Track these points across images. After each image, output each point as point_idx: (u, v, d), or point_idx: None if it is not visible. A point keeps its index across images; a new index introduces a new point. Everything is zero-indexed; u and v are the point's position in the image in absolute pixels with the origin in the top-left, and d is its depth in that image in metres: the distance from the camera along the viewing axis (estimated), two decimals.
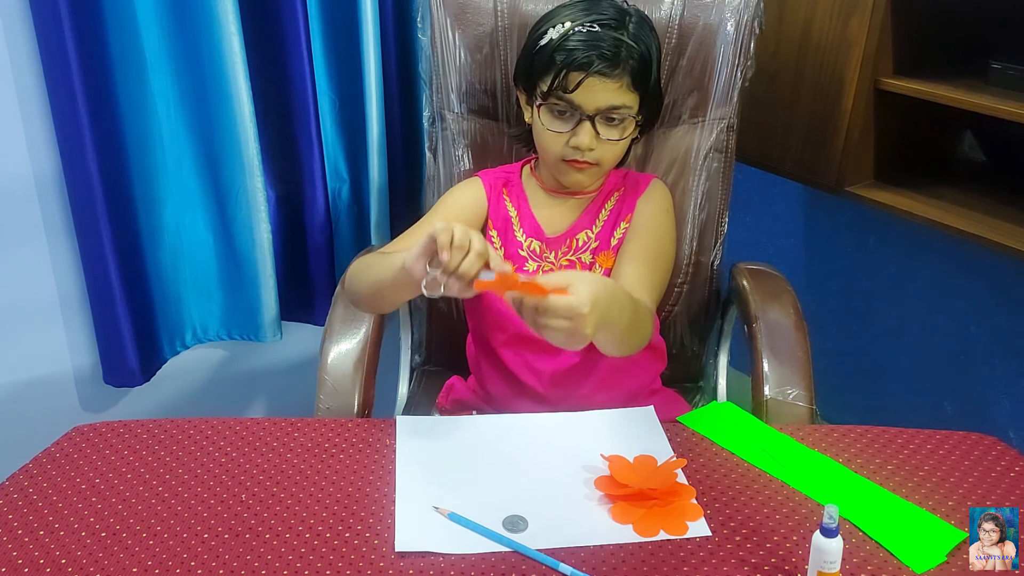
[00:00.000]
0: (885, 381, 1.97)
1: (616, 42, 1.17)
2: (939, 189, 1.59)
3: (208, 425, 1.08)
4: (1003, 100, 1.37)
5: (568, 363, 1.26)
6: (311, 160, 1.63)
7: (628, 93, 1.19)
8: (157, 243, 1.60)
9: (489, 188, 1.32)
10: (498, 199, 1.32)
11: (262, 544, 0.90)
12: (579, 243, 1.29)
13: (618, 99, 1.19)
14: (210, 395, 1.83)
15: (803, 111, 1.60)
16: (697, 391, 1.53)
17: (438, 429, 1.11)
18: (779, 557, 0.89)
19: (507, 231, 1.30)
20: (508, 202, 1.32)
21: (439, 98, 1.44)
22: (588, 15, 1.19)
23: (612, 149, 1.23)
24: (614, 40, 1.17)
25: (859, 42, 1.48)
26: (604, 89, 1.18)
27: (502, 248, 1.30)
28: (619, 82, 1.18)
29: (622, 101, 1.19)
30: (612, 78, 1.17)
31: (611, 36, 1.17)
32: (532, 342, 1.25)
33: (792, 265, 2.05)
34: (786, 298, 1.35)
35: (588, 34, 1.17)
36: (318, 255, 1.72)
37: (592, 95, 1.18)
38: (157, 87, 1.51)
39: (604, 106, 1.19)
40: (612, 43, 1.17)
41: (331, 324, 1.30)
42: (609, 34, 1.17)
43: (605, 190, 1.32)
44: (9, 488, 0.98)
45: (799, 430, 1.09)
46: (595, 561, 0.88)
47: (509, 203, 1.31)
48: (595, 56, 1.16)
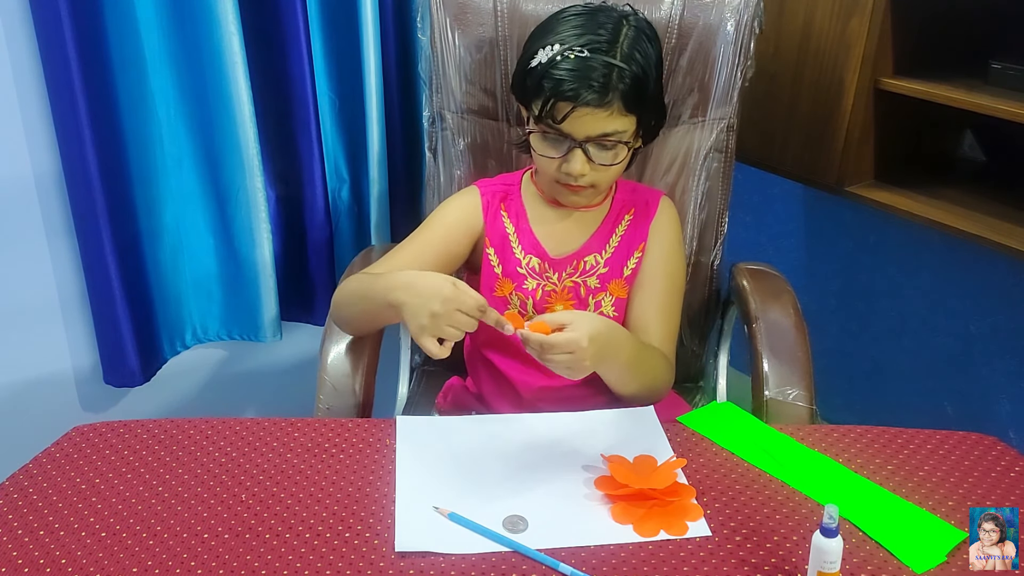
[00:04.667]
0: (885, 381, 1.97)
1: (607, 68, 1.12)
2: (939, 189, 1.59)
3: (208, 425, 1.08)
4: (1003, 100, 1.37)
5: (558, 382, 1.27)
6: (311, 160, 1.63)
7: (620, 118, 1.15)
8: (157, 243, 1.60)
9: (486, 204, 1.30)
10: (495, 215, 1.29)
11: (262, 544, 0.90)
12: (586, 266, 1.27)
13: (609, 126, 1.15)
14: (210, 395, 1.83)
15: (803, 111, 1.60)
16: (697, 391, 1.53)
17: (438, 429, 1.11)
18: (779, 557, 0.89)
19: (505, 248, 1.28)
20: (506, 218, 1.29)
21: (439, 98, 1.44)
22: (580, 36, 1.14)
23: (607, 172, 1.20)
24: (604, 66, 1.12)
25: (859, 42, 1.48)
26: (593, 119, 1.14)
27: (500, 266, 1.28)
28: (609, 110, 1.13)
29: (614, 128, 1.15)
30: (602, 107, 1.13)
31: (601, 61, 1.12)
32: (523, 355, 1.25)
33: (792, 265, 2.05)
34: (786, 298, 1.35)
35: (576, 60, 1.12)
36: (318, 255, 1.72)
37: (581, 125, 1.14)
38: (157, 87, 1.51)
39: (595, 134, 1.15)
40: (602, 70, 1.12)
41: (331, 324, 1.30)
42: (599, 60, 1.12)
43: (615, 209, 1.30)
44: (9, 488, 0.98)
45: (799, 430, 1.09)
46: (595, 561, 0.88)
47: (507, 219, 1.29)
48: (583, 87, 1.11)
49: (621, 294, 1.27)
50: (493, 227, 1.29)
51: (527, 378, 1.28)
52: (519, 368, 1.29)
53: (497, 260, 1.28)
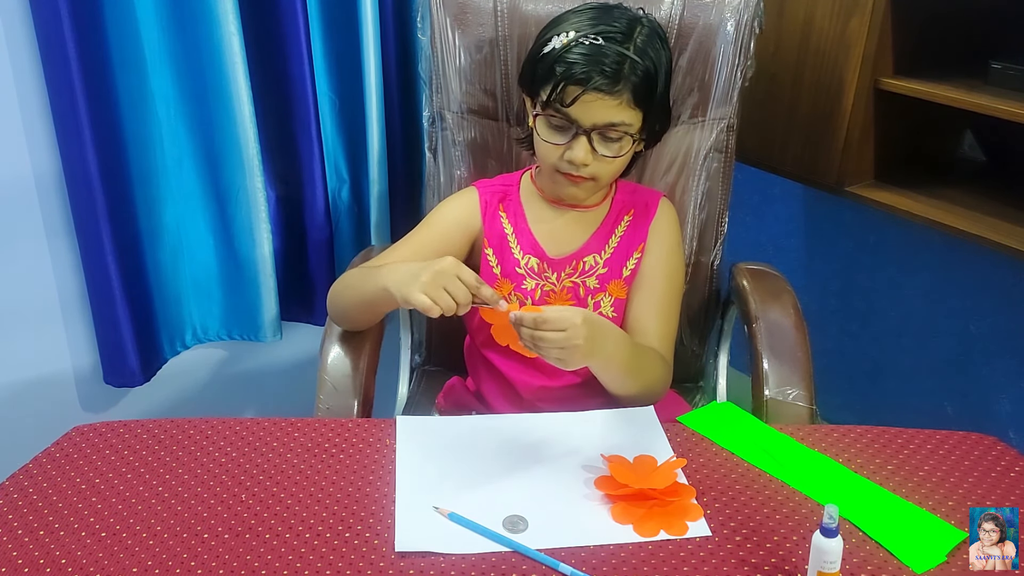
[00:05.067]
0: (885, 381, 1.97)
1: (620, 57, 1.13)
2: (939, 189, 1.59)
3: (208, 425, 1.08)
4: (1003, 100, 1.37)
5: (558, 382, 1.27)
6: (311, 160, 1.63)
7: (628, 110, 1.15)
8: (157, 243, 1.60)
9: (484, 204, 1.30)
10: (493, 216, 1.30)
11: (262, 544, 0.90)
12: (585, 266, 1.27)
13: (617, 116, 1.15)
14: (210, 395, 1.83)
15: (803, 111, 1.60)
16: (697, 391, 1.53)
17: (438, 429, 1.11)
18: (779, 557, 0.89)
19: (503, 249, 1.28)
20: (504, 218, 1.29)
21: (439, 98, 1.44)
22: (595, 26, 1.15)
23: (609, 165, 1.20)
24: (618, 55, 1.13)
25: (859, 42, 1.48)
26: (602, 106, 1.14)
27: (499, 266, 1.28)
28: (619, 99, 1.14)
29: (621, 118, 1.15)
30: (612, 95, 1.13)
31: (615, 51, 1.13)
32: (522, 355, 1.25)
33: (792, 265, 2.05)
34: (786, 298, 1.35)
35: (591, 47, 1.13)
36: (318, 255, 1.72)
37: (589, 111, 1.14)
38: (157, 87, 1.51)
39: (601, 122, 1.15)
40: (615, 58, 1.13)
41: (331, 324, 1.30)
42: (613, 48, 1.13)
43: (615, 210, 1.30)
44: (9, 488, 0.98)
45: (799, 430, 1.09)
46: (595, 561, 0.88)
47: (505, 219, 1.29)
48: (595, 71, 1.12)
49: (620, 295, 1.27)
50: (491, 227, 1.29)
51: (527, 378, 1.28)
52: (519, 368, 1.29)
53: (496, 260, 1.28)
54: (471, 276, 1.05)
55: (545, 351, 1.03)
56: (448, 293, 1.03)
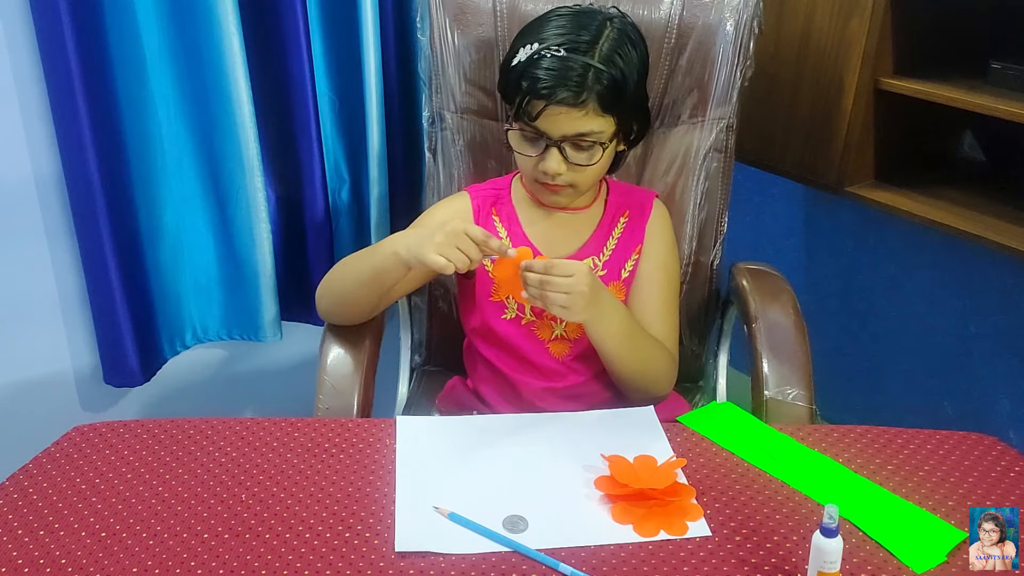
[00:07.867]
0: (885, 381, 1.97)
1: (583, 68, 1.13)
2: (939, 189, 1.59)
3: (208, 425, 1.08)
4: (1003, 100, 1.37)
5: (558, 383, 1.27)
6: (311, 160, 1.63)
7: (597, 118, 1.15)
8: (157, 243, 1.60)
9: (477, 209, 1.30)
10: (486, 220, 1.30)
11: (262, 544, 0.90)
12: None
13: (585, 126, 1.15)
14: (210, 395, 1.83)
15: (803, 111, 1.60)
16: (697, 391, 1.53)
17: (438, 429, 1.11)
18: (779, 557, 0.89)
19: None
20: (497, 222, 1.30)
21: (439, 98, 1.44)
22: (561, 36, 1.15)
23: (584, 172, 1.20)
24: (582, 66, 1.13)
25: (859, 42, 1.48)
26: (568, 118, 1.14)
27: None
28: (583, 110, 1.14)
29: (589, 127, 1.15)
30: (576, 107, 1.13)
31: (580, 62, 1.13)
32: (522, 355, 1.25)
33: (792, 265, 2.05)
34: (786, 298, 1.35)
35: (554, 60, 1.13)
36: (318, 255, 1.72)
37: (556, 123, 1.15)
38: (157, 87, 1.51)
39: (570, 133, 1.16)
40: (579, 70, 1.13)
41: (331, 324, 1.30)
42: (578, 60, 1.13)
43: (609, 212, 1.30)
44: (9, 488, 0.98)
45: (799, 430, 1.09)
46: (595, 561, 0.88)
47: (498, 223, 1.30)
48: (558, 85, 1.12)
49: (619, 296, 1.27)
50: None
51: (527, 378, 1.28)
52: (519, 368, 1.29)
53: (491, 264, 1.28)
54: (479, 231, 1.08)
55: (551, 297, 1.07)
56: (460, 251, 1.07)
